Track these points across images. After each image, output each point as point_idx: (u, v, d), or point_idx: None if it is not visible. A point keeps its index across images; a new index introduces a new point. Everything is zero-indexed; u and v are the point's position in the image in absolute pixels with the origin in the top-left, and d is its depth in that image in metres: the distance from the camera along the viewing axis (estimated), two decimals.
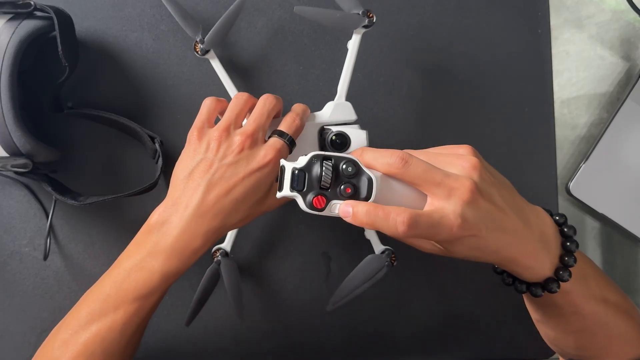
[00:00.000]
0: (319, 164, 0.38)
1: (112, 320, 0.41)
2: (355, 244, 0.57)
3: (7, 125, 0.45)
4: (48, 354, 0.42)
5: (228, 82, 0.52)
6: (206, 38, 0.51)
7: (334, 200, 0.38)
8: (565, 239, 0.42)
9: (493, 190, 0.38)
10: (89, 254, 0.55)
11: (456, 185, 0.37)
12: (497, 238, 0.38)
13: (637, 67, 0.61)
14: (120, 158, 0.55)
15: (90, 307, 0.42)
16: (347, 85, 0.51)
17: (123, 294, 0.42)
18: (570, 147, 0.61)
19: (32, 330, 0.55)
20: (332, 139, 0.49)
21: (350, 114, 0.50)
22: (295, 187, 0.38)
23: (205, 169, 0.42)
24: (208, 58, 0.52)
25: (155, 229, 0.42)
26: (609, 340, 0.45)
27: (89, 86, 0.55)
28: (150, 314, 0.44)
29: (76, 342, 0.41)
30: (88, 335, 0.41)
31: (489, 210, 0.38)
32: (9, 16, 0.46)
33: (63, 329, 0.42)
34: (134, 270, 0.42)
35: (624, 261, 0.62)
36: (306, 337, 0.58)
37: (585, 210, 0.61)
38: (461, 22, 0.58)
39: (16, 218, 0.55)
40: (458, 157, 0.39)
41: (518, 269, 0.41)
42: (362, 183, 0.38)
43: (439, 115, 0.58)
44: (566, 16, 0.61)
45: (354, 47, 0.51)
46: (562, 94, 0.61)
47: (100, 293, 0.43)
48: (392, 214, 0.36)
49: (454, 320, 0.59)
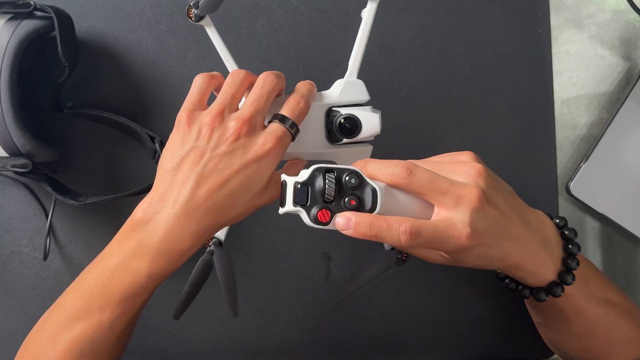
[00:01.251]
0: (322, 176, 0.37)
1: (98, 321, 0.39)
2: (355, 244, 0.57)
3: (7, 125, 0.45)
4: (35, 350, 0.41)
5: (226, 54, 0.46)
6: (201, 2, 0.44)
7: (339, 214, 0.37)
8: (566, 241, 0.42)
9: (498, 196, 0.38)
10: (89, 254, 0.55)
11: (463, 193, 0.36)
12: (503, 246, 0.38)
13: (637, 67, 0.61)
14: (120, 158, 0.55)
15: (75, 304, 0.40)
16: (359, 60, 0.45)
17: (108, 294, 0.39)
18: (571, 147, 0.61)
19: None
20: (341, 122, 0.44)
21: (362, 94, 0.45)
22: (299, 202, 0.37)
23: (196, 160, 0.38)
24: (203, 25, 0.45)
25: (140, 227, 0.39)
26: (610, 342, 0.45)
27: (89, 86, 0.55)
28: (139, 312, 0.42)
29: (63, 340, 0.39)
30: (75, 334, 0.39)
31: (496, 218, 0.37)
32: (8, 16, 0.46)
33: (49, 324, 0.41)
34: (118, 270, 0.39)
35: (624, 261, 0.62)
36: (306, 338, 0.58)
37: (585, 210, 0.61)
38: (461, 22, 0.58)
39: (16, 218, 0.55)
40: (462, 164, 0.38)
41: (522, 275, 0.41)
42: (367, 195, 0.37)
43: (439, 115, 0.58)
44: (566, 16, 0.61)
45: (369, 17, 0.45)
46: (562, 94, 0.61)
47: (85, 291, 0.40)
48: (395, 224, 0.35)
49: (454, 320, 0.59)
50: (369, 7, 0.46)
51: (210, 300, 0.54)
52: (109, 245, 0.41)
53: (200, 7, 0.44)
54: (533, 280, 0.41)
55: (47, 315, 0.42)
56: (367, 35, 0.45)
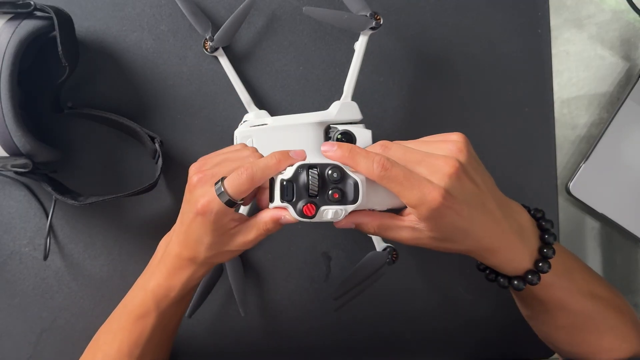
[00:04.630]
0: (305, 172, 0.38)
1: (129, 334, 0.45)
2: (355, 244, 0.57)
3: (7, 125, 0.45)
4: (98, 342, 0.47)
5: (236, 80, 0.53)
6: (215, 36, 0.52)
7: (324, 207, 0.38)
8: (543, 232, 0.43)
9: (477, 175, 0.39)
10: (89, 254, 0.55)
11: (439, 162, 0.37)
12: (478, 221, 0.38)
13: (637, 67, 0.61)
14: (120, 158, 0.55)
15: (120, 317, 0.46)
16: (353, 85, 0.52)
17: (126, 314, 0.45)
18: (570, 147, 0.61)
19: (32, 330, 0.55)
20: (338, 137, 0.49)
21: (356, 114, 0.51)
22: (285, 198, 0.38)
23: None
24: (217, 56, 0.53)
25: (161, 250, 0.46)
26: (600, 336, 0.45)
27: (89, 86, 0.55)
28: (161, 328, 0.45)
29: (113, 343, 0.45)
30: (122, 337, 0.45)
31: (472, 190, 0.38)
32: (9, 16, 0.46)
33: (114, 320, 0.47)
34: (136, 288, 0.46)
35: (624, 261, 0.62)
36: (306, 337, 0.58)
37: (585, 210, 0.61)
38: (461, 22, 0.58)
39: (16, 218, 0.55)
40: (447, 142, 0.40)
41: (498, 262, 0.41)
42: (348, 187, 0.38)
43: (439, 115, 0.58)
44: (566, 16, 0.61)
45: (361, 48, 0.51)
46: (562, 94, 0.61)
47: (125, 304, 0.47)
48: (371, 154, 0.37)
49: (454, 320, 0.59)
50: (361, 40, 0.51)
51: (211, 302, 0.54)
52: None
53: (215, 40, 0.52)
54: (510, 269, 0.42)
55: (107, 320, 0.48)
56: (359, 64, 0.52)
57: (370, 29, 0.51)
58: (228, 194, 0.38)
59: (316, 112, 0.51)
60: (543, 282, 0.41)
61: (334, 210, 0.38)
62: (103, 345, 0.46)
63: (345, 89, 0.52)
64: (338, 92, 0.52)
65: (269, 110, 0.53)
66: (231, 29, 0.52)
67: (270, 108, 0.55)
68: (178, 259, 0.42)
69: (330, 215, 0.38)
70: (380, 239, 0.54)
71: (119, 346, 0.44)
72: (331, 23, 0.51)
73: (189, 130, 0.55)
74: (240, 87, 0.53)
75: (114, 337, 0.45)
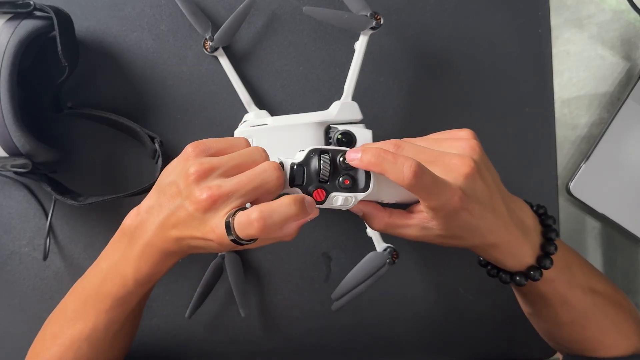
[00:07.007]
0: (317, 157, 0.38)
1: (94, 322, 0.42)
2: (355, 244, 0.57)
3: (6, 125, 0.45)
4: (40, 344, 0.45)
5: (236, 80, 0.53)
6: (215, 36, 0.52)
7: (334, 193, 0.38)
8: (545, 228, 0.43)
9: (488, 173, 0.39)
10: (89, 254, 0.55)
11: (456, 161, 0.37)
12: (487, 218, 0.39)
13: (637, 67, 0.61)
14: (120, 158, 0.55)
15: (74, 304, 0.44)
16: (353, 85, 0.52)
17: (102, 298, 0.41)
18: (571, 147, 0.61)
19: (32, 330, 0.55)
20: (339, 137, 0.49)
21: (356, 114, 0.51)
22: (295, 183, 0.38)
23: (172, 196, 0.38)
24: (217, 56, 0.53)
25: (128, 233, 0.40)
26: (600, 332, 0.45)
27: (89, 86, 0.55)
28: (136, 312, 0.44)
29: (64, 337, 0.43)
30: (74, 332, 0.42)
31: (484, 190, 0.38)
32: (8, 16, 0.46)
33: (52, 323, 0.45)
34: (110, 273, 0.41)
35: (624, 261, 0.62)
36: (306, 338, 0.58)
37: (585, 210, 0.61)
38: (461, 22, 0.58)
39: (16, 218, 0.55)
40: (458, 140, 0.40)
41: (501, 257, 0.41)
42: (360, 175, 0.38)
43: (439, 115, 0.58)
44: (566, 16, 0.61)
45: (361, 48, 0.51)
46: (563, 94, 0.61)
47: (83, 292, 0.43)
48: (401, 159, 0.36)
49: (454, 320, 0.59)
50: (361, 40, 0.51)
51: (211, 302, 0.54)
52: (105, 248, 0.43)
53: (215, 40, 0.52)
54: (512, 264, 0.42)
55: (52, 314, 0.46)
56: (359, 64, 0.51)
57: (371, 29, 0.51)
58: (235, 235, 0.35)
59: (316, 112, 0.51)
60: (544, 277, 0.42)
61: (344, 197, 0.38)
62: (67, 330, 0.43)
63: (346, 89, 0.52)
64: (338, 92, 0.52)
65: (269, 110, 0.53)
66: (231, 29, 0.52)
67: (270, 108, 0.55)
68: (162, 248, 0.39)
69: (340, 202, 0.38)
70: (380, 239, 0.54)
71: (91, 328, 0.42)
72: (331, 23, 0.51)
73: (189, 130, 0.55)
74: (240, 87, 0.53)
75: (77, 322, 0.42)
